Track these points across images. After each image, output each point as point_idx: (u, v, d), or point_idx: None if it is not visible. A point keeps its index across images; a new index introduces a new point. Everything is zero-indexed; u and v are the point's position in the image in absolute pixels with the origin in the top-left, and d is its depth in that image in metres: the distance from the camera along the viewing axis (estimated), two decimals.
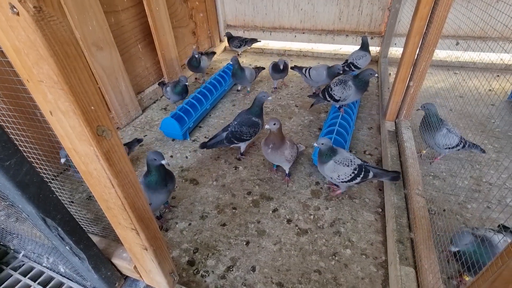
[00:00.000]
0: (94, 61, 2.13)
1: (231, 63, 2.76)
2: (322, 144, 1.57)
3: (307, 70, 2.67)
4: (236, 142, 1.99)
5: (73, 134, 0.70)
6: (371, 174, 1.59)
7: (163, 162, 1.39)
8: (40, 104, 0.67)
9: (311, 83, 2.72)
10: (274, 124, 1.64)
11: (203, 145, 2.01)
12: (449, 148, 1.78)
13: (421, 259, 1.24)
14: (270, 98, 1.99)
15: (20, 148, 0.80)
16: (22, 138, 1.01)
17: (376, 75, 2.06)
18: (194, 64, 2.98)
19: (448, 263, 1.31)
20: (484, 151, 1.80)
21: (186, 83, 2.50)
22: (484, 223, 1.54)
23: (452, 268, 1.31)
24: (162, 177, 1.44)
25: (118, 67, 2.36)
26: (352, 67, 2.88)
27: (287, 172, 1.87)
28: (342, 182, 1.61)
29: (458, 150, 1.80)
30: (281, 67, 2.74)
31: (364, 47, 2.86)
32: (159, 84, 2.77)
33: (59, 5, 0.49)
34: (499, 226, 1.26)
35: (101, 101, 0.68)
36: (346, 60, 2.97)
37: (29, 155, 1.05)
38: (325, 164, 1.60)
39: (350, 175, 1.57)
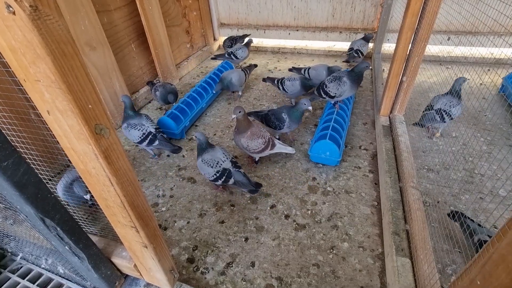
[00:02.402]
0: (87, 61, 2.12)
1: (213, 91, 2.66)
2: (195, 137, 1.71)
3: (306, 71, 2.67)
4: (264, 123, 2.14)
5: (71, 133, 0.70)
6: (231, 181, 1.64)
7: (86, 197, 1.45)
8: (37, 103, 0.67)
9: (310, 83, 2.72)
10: (240, 112, 1.78)
11: (249, 113, 2.21)
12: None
13: (417, 249, 1.26)
14: (310, 108, 1.97)
15: (17, 149, 0.80)
16: (18, 139, 1.01)
17: (370, 67, 2.10)
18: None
19: None
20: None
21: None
22: (477, 213, 1.58)
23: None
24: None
25: (111, 67, 2.34)
26: (360, 53, 3.15)
27: (256, 159, 2.02)
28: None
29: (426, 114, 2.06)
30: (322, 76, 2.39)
31: (365, 39, 3.18)
32: (147, 84, 2.70)
33: (55, 5, 0.49)
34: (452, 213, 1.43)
35: (98, 99, 0.69)
36: (352, 48, 3.19)
37: (25, 156, 1.05)
38: (197, 161, 1.73)
39: (213, 175, 1.64)
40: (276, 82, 2.57)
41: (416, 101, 2.55)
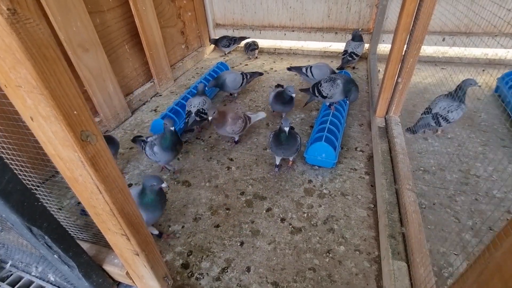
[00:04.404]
0: (80, 62, 2.08)
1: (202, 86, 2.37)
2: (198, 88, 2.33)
3: (308, 69, 2.65)
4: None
5: (55, 140, 0.67)
6: (188, 120, 2.16)
7: (163, 185, 1.37)
8: (19, 110, 0.64)
9: (314, 82, 2.69)
10: (214, 112, 1.96)
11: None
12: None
13: (413, 253, 1.25)
14: (286, 128, 1.68)
15: (1, 155, 0.77)
16: (4, 145, 0.98)
17: (347, 102, 2.16)
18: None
19: None
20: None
21: (172, 128, 1.72)
22: (473, 215, 1.58)
23: None
24: (160, 196, 1.42)
25: (105, 69, 2.31)
26: (354, 56, 3.11)
27: (235, 139, 2.23)
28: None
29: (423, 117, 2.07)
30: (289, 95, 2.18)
31: (357, 38, 3.09)
32: (133, 141, 2.03)
33: (35, 7, 0.47)
34: None
35: (84, 105, 0.66)
36: (346, 51, 3.13)
37: (12, 162, 1.01)
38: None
39: (186, 112, 2.23)
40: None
41: (412, 102, 2.55)
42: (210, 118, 1.93)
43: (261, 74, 2.85)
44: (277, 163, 1.94)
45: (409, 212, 1.43)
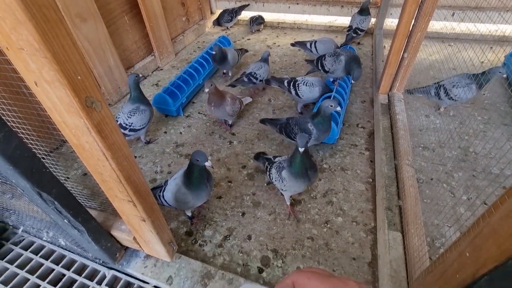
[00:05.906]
0: (78, 33, 2.03)
1: (213, 52, 2.40)
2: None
3: (312, 44, 2.58)
4: (284, 135, 1.86)
5: (61, 105, 0.68)
6: None
7: (206, 164, 1.26)
8: (23, 74, 0.64)
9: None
10: (211, 85, 1.85)
11: (263, 120, 1.99)
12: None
13: (408, 224, 1.30)
14: (338, 108, 1.60)
15: (7, 123, 0.78)
16: (9, 113, 0.99)
17: (352, 82, 2.08)
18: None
19: None
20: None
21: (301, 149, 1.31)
22: (469, 190, 1.61)
23: None
24: (203, 177, 1.33)
25: (104, 40, 2.25)
26: (358, 31, 2.96)
27: (230, 123, 2.14)
28: None
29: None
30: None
31: (365, 11, 2.91)
32: (255, 158, 1.75)
33: None
34: None
35: (87, 70, 0.66)
36: (351, 26, 2.98)
37: (18, 131, 1.03)
38: None
39: None
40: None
41: (416, 79, 2.50)
42: (206, 90, 1.85)
43: (246, 51, 2.90)
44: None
45: (406, 186, 1.47)
